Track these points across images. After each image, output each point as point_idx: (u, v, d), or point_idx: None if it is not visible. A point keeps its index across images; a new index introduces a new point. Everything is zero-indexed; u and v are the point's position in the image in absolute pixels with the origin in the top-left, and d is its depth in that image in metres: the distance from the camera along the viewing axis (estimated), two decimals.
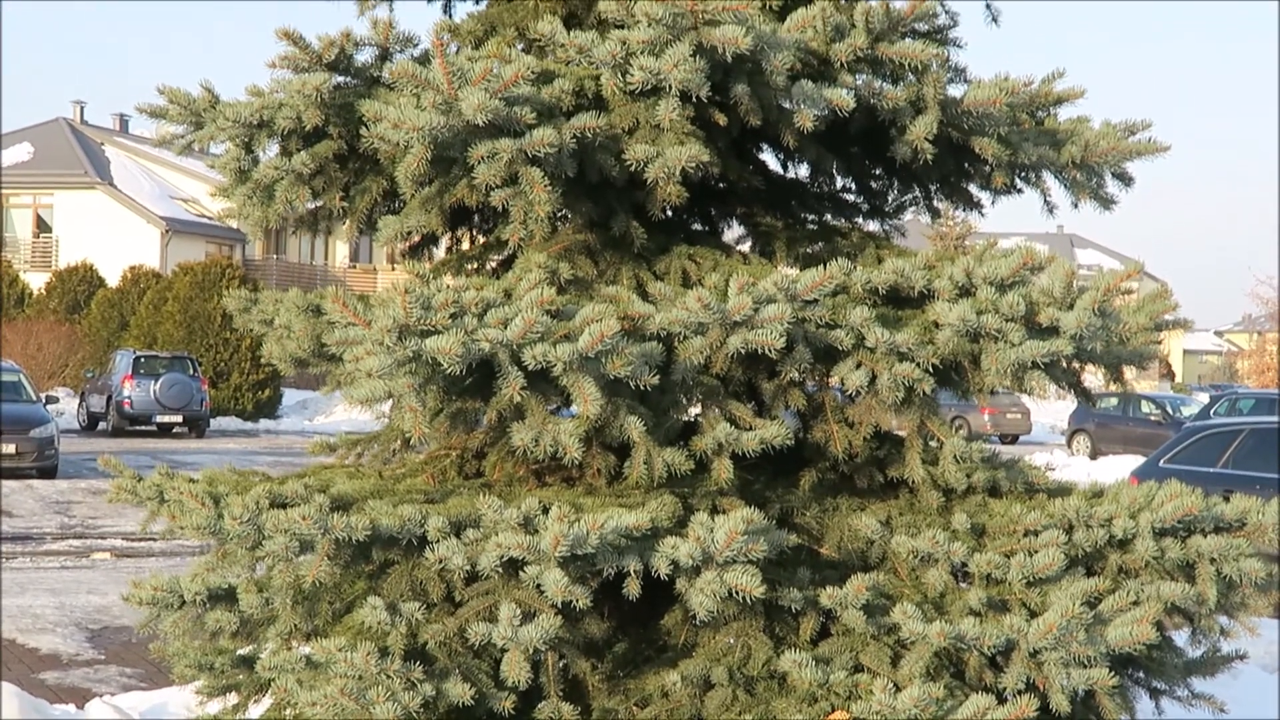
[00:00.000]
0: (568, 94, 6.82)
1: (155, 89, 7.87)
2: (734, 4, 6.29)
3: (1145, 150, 7.79)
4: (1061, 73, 7.82)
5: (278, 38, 7.14)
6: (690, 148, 6.68)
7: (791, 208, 8.48)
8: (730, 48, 6.30)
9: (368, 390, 6.20)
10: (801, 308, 6.64)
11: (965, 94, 7.22)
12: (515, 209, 6.74)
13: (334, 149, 7.49)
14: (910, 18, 7.05)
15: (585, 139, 6.72)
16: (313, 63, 7.20)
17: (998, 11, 8.52)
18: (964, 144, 7.44)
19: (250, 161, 7.64)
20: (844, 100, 6.71)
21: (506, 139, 6.49)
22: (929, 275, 6.99)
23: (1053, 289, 6.75)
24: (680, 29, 6.34)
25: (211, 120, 7.64)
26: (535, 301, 6.30)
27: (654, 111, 6.62)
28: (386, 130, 6.55)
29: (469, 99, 6.31)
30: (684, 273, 7.42)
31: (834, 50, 6.99)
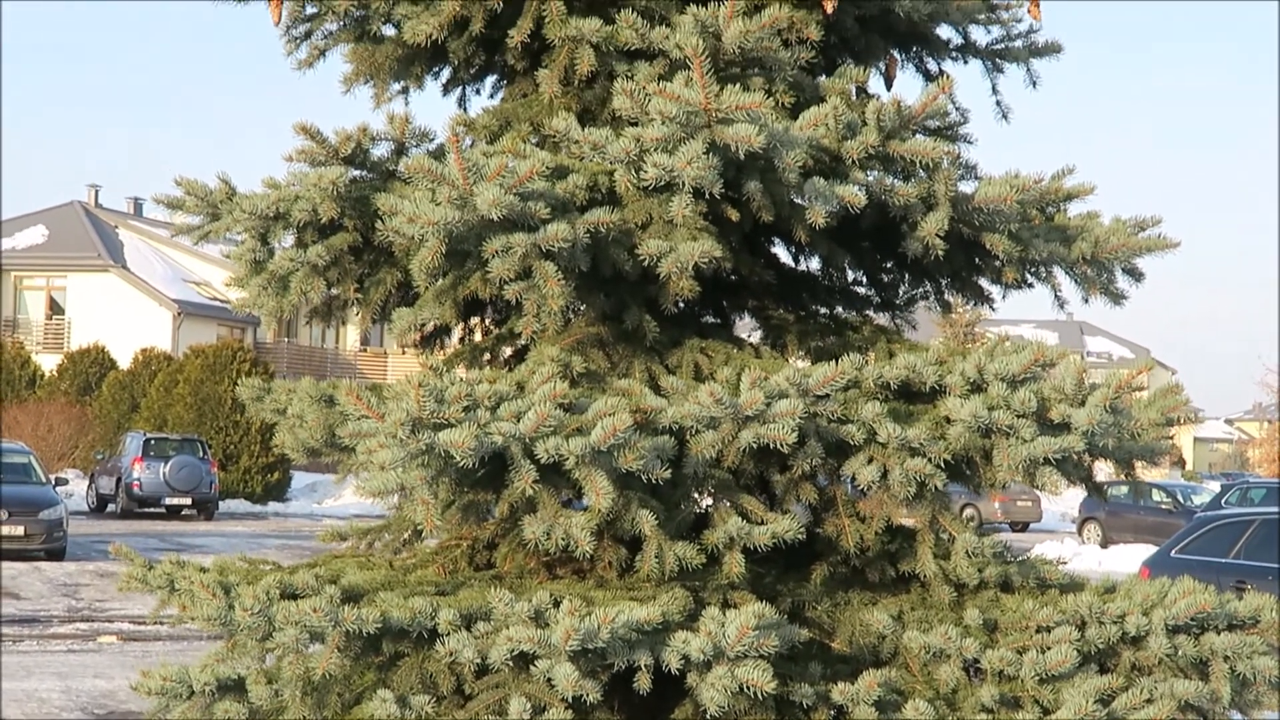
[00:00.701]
0: (582, 189, 6.89)
1: (173, 180, 7.97)
2: (747, 102, 6.36)
3: (1155, 246, 7.84)
4: (1071, 169, 7.89)
5: (295, 132, 7.24)
6: (703, 243, 6.73)
7: (803, 300, 8.53)
8: (743, 146, 6.36)
9: (380, 483, 6.22)
10: (813, 403, 6.66)
11: (976, 190, 7.28)
12: (529, 302, 6.78)
13: (349, 241, 7.56)
14: (921, 115, 7.11)
15: (599, 234, 6.77)
16: (329, 157, 7.29)
17: (1008, 109, 8.62)
18: (975, 240, 7.49)
19: (266, 253, 7.71)
20: (856, 197, 6.77)
21: (521, 233, 6.54)
22: (940, 370, 7.01)
23: (1064, 385, 6.77)
24: (694, 127, 6.41)
25: (228, 212, 7.72)
26: (548, 395, 6.33)
27: (667, 207, 6.68)
28: (402, 224, 6.60)
29: (484, 194, 6.37)
30: (696, 366, 7.46)
31: (846, 147, 7.05)
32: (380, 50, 8.11)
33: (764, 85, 7.33)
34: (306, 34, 8.10)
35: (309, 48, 8.14)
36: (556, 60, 7.47)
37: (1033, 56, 8.53)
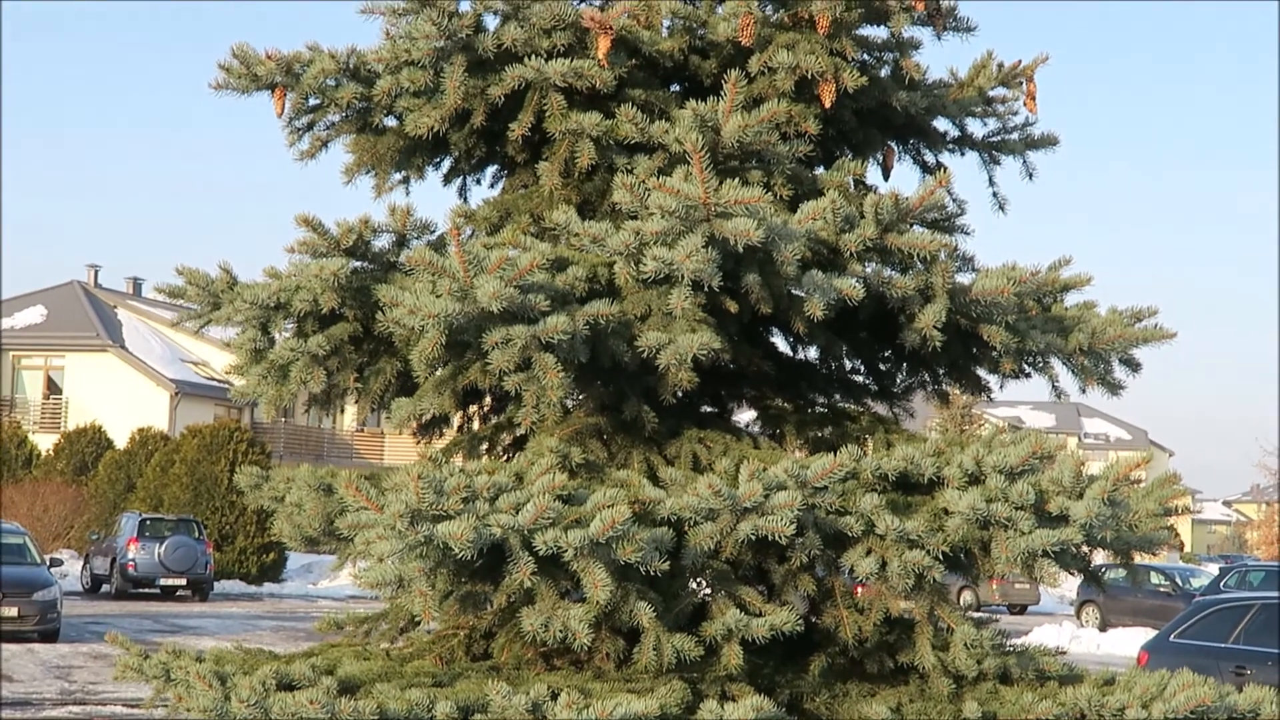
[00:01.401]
0: (581, 281, 6.94)
1: (174, 269, 8.02)
2: (746, 197, 6.41)
3: (1152, 337, 7.88)
4: (1068, 260, 7.96)
5: (297, 224, 7.29)
6: (702, 335, 6.77)
7: (801, 389, 8.56)
8: (742, 240, 6.41)
9: (379, 574, 6.22)
10: (812, 494, 6.68)
11: (974, 283, 7.33)
12: (528, 394, 6.80)
13: (349, 331, 7.59)
14: (919, 209, 7.18)
15: (598, 325, 6.81)
16: (331, 248, 7.34)
17: (1004, 200, 8.69)
18: (972, 331, 7.53)
19: (266, 342, 7.74)
20: (854, 290, 6.81)
21: (521, 325, 6.58)
22: (938, 462, 7.03)
23: (1062, 478, 6.79)
24: (693, 220, 6.46)
25: (229, 302, 7.76)
26: (547, 487, 6.34)
27: (666, 299, 6.72)
28: (403, 316, 6.64)
29: (484, 286, 6.41)
30: (694, 457, 7.48)
31: (844, 240, 7.11)
32: (382, 141, 8.18)
33: (762, 178, 7.41)
34: (309, 125, 8.17)
35: (311, 139, 8.20)
36: (557, 153, 7.54)
37: (1029, 149, 8.62)
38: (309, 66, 7.81)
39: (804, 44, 7.50)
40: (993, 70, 8.43)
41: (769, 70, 7.54)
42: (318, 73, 7.76)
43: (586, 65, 7.31)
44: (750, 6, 7.39)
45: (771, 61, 7.49)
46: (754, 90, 7.57)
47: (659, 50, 7.66)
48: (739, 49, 7.59)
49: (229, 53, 7.91)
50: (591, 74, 7.31)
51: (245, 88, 7.95)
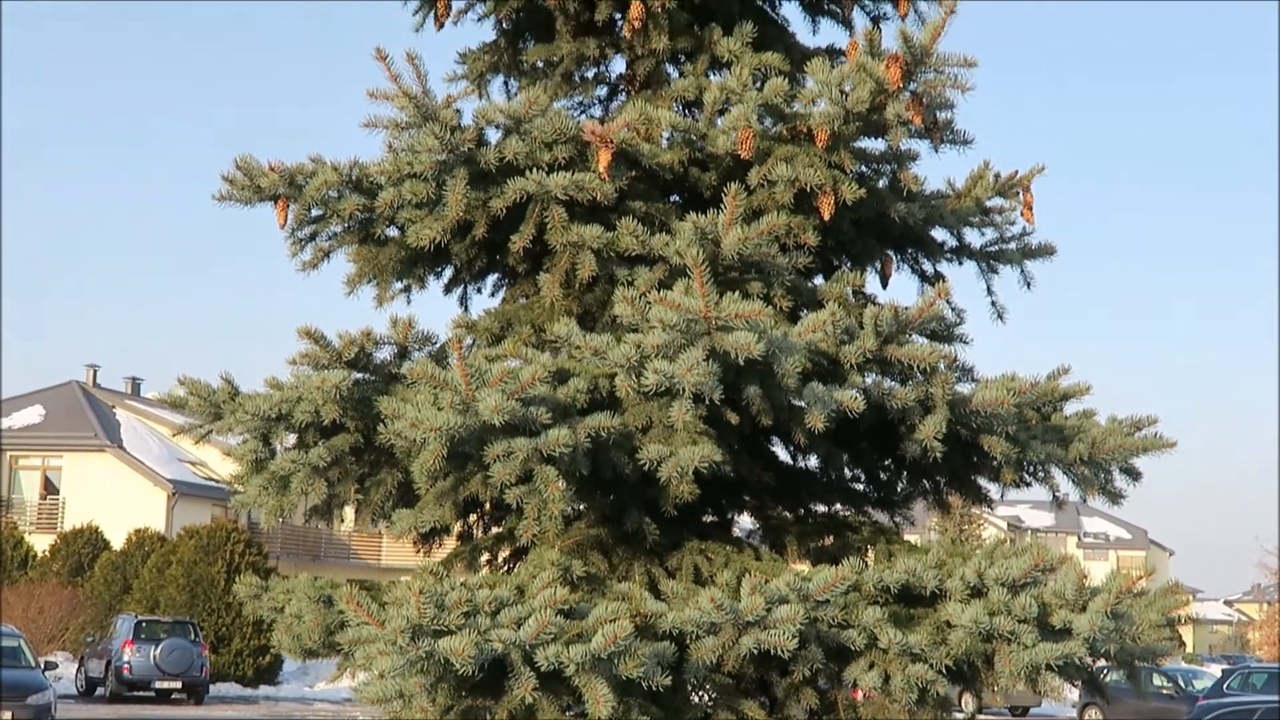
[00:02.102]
0: (582, 393, 6.95)
1: (176, 380, 8.04)
2: (747, 311, 6.44)
3: (1152, 446, 7.88)
4: (1067, 369, 7.97)
5: (299, 336, 7.31)
6: (703, 447, 6.77)
7: (802, 497, 8.55)
8: (743, 353, 6.43)
9: (379, 690, 6.17)
10: (814, 608, 6.65)
11: (974, 393, 7.34)
12: (529, 506, 6.79)
13: (350, 442, 7.59)
14: (919, 321, 7.21)
15: (600, 438, 6.81)
16: (333, 360, 7.35)
17: (1003, 309, 8.71)
18: (973, 441, 7.53)
19: (267, 453, 7.74)
20: (854, 402, 6.82)
21: (522, 438, 6.58)
22: (941, 574, 7.01)
23: (1065, 590, 6.77)
24: (694, 334, 6.48)
25: (231, 412, 7.77)
26: (549, 601, 6.32)
27: (667, 411, 6.72)
28: (404, 428, 6.64)
29: (486, 400, 6.42)
30: (696, 569, 7.45)
31: (844, 352, 7.14)
32: (384, 252, 8.23)
33: (762, 289, 7.44)
34: (311, 236, 8.21)
35: (314, 249, 8.24)
36: (558, 264, 7.57)
37: (1026, 258, 8.66)
38: (312, 178, 7.86)
39: (803, 157, 7.56)
40: (990, 181, 8.48)
41: (768, 183, 7.59)
42: (320, 184, 7.81)
43: (588, 178, 7.36)
44: (749, 120, 7.45)
45: (771, 174, 7.54)
46: (753, 202, 7.62)
47: (659, 163, 7.72)
48: (738, 161, 7.65)
49: (232, 164, 7.96)
50: (592, 187, 7.36)
51: (248, 199, 7.99)
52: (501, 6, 8.73)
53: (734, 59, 8.13)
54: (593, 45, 8.66)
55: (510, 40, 9.09)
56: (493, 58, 9.14)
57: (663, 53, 8.35)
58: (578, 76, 8.96)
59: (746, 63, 7.98)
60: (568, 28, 8.65)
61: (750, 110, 7.45)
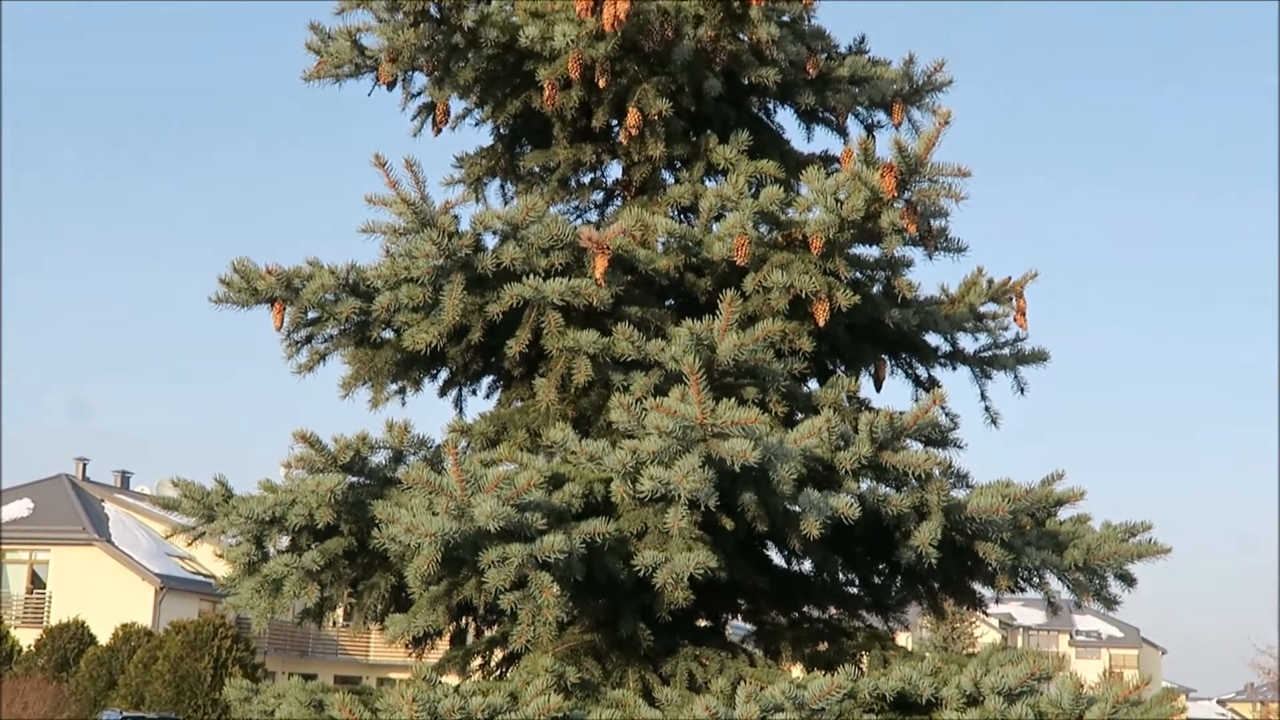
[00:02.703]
0: (577, 498, 6.94)
1: (169, 481, 8.02)
2: (743, 418, 6.45)
3: (1147, 552, 7.88)
4: (1061, 474, 7.97)
5: (295, 440, 7.31)
6: (698, 554, 6.76)
7: (796, 602, 8.51)
8: (739, 460, 6.42)
9: None
10: (810, 716, 6.60)
11: (969, 500, 7.34)
12: (524, 612, 6.76)
13: (344, 546, 7.56)
14: (914, 427, 7.23)
15: (595, 543, 6.80)
16: (328, 464, 7.35)
17: (996, 414, 8.73)
18: (968, 547, 7.52)
19: (260, 556, 7.71)
20: (850, 509, 6.82)
21: (517, 544, 6.56)
22: (936, 682, 6.97)
23: (1062, 700, 6.73)
24: (690, 441, 6.49)
25: (224, 514, 7.74)
26: (542, 709, 6.29)
27: (663, 518, 6.71)
28: (399, 533, 6.63)
29: (481, 505, 6.41)
30: (690, 675, 7.40)
31: (839, 458, 7.15)
32: (380, 355, 8.24)
33: (757, 395, 7.46)
34: (307, 338, 8.23)
35: (309, 352, 8.26)
36: (554, 369, 7.59)
37: (1020, 364, 8.69)
38: (309, 281, 7.89)
39: (798, 263, 7.61)
40: (983, 286, 8.54)
41: (764, 289, 7.64)
42: (317, 288, 7.84)
43: (584, 284, 7.40)
44: (745, 227, 7.51)
45: (766, 280, 7.59)
46: (749, 307, 7.66)
47: (655, 268, 7.77)
48: (734, 267, 7.70)
49: (229, 267, 7.99)
50: (588, 292, 7.40)
51: (245, 301, 8.01)
52: (499, 113, 8.81)
53: (730, 166, 8.20)
54: (589, 151, 8.74)
55: (507, 145, 9.17)
56: (490, 162, 9.22)
57: (659, 159, 8.42)
58: (574, 182, 9.03)
59: (742, 170, 8.06)
60: (565, 134, 8.73)
61: (746, 217, 7.51)
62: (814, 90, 8.65)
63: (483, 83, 8.62)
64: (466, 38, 8.15)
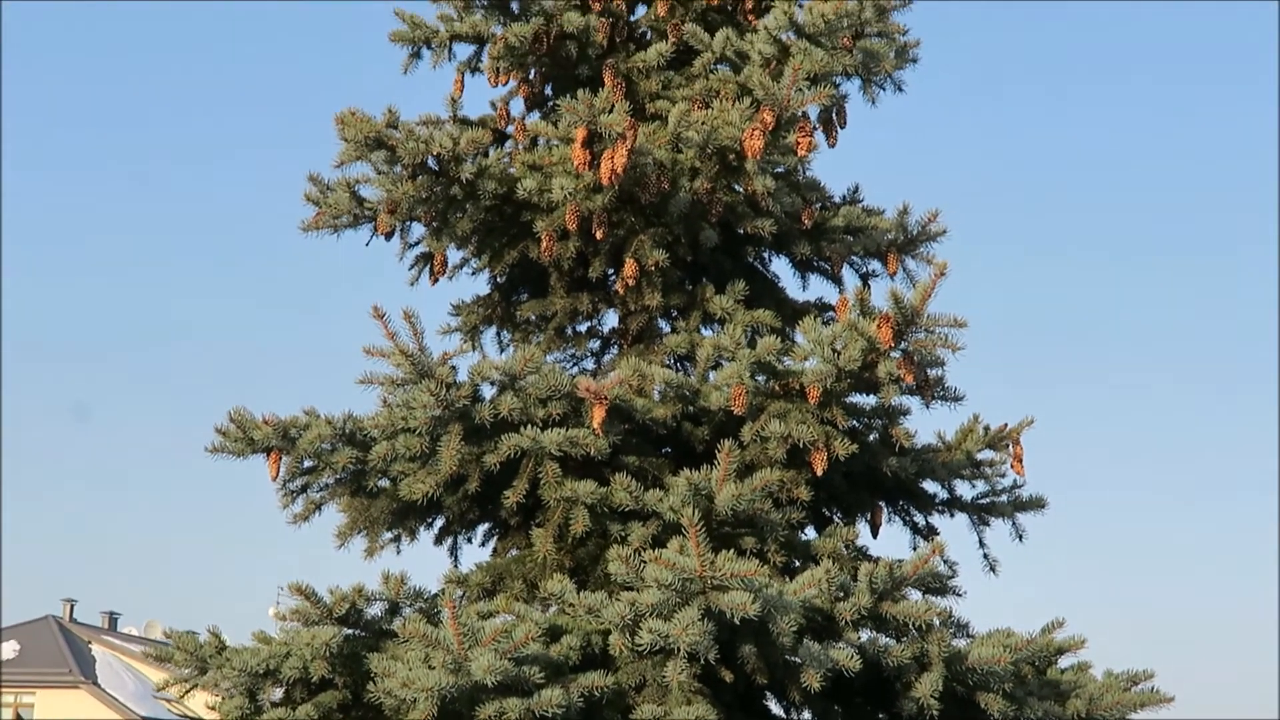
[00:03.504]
0: (575, 650, 6.88)
1: (162, 633, 7.95)
2: (742, 570, 6.41)
3: (1149, 701, 7.80)
4: (1061, 622, 7.92)
5: (290, 592, 7.25)
6: (697, 708, 6.69)
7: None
8: (739, 613, 6.38)
9: None
10: None
11: (969, 650, 7.28)
12: None
13: (339, 699, 7.47)
14: (913, 577, 7.20)
15: (593, 697, 6.73)
16: (323, 616, 7.29)
17: (995, 561, 8.70)
18: (969, 698, 7.43)
19: (253, 709, 7.61)
20: (850, 661, 6.77)
21: (515, 698, 6.49)
22: None
23: None
24: (689, 593, 6.44)
25: (217, 667, 7.66)
26: None
27: (662, 671, 6.66)
28: (394, 687, 6.56)
29: (479, 660, 6.35)
30: None
31: (839, 609, 7.11)
32: (376, 504, 8.21)
33: (756, 545, 7.43)
34: (303, 488, 8.21)
35: (305, 501, 8.23)
36: (551, 519, 7.57)
37: (1017, 511, 8.67)
38: (305, 431, 7.88)
39: (795, 413, 7.63)
40: (980, 434, 8.54)
41: (761, 438, 7.65)
42: (314, 438, 7.83)
43: (582, 434, 7.41)
44: (742, 377, 7.54)
45: (764, 430, 7.60)
46: (746, 456, 7.66)
47: (652, 417, 7.78)
48: (731, 417, 7.72)
49: (226, 417, 7.99)
50: (586, 443, 7.40)
51: (241, 451, 8.00)
52: (496, 262, 8.87)
53: (726, 316, 8.26)
54: (586, 300, 8.79)
55: (504, 294, 9.23)
56: (487, 310, 9.27)
57: (655, 309, 8.48)
58: (571, 330, 9.07)
59: (739, 320, 8.11)
60: (562, 283, 8.79)
61: (743, 367, 7.54)
62: (809, 240, 8.73)
63: (480, 233, 8.70)
64: (465, 190, 8.23)
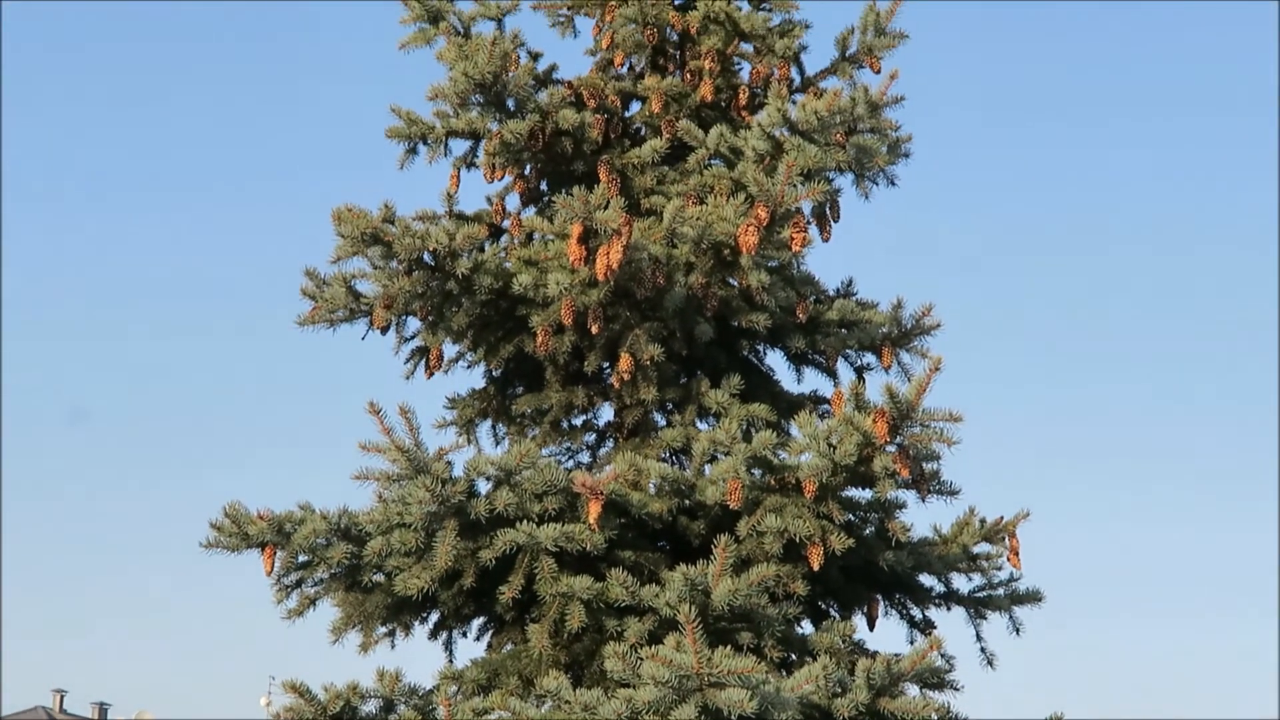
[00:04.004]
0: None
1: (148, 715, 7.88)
2: (739, 667, 6.39)
3: None
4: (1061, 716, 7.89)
5: (284, 690, 7.22)
6: None
7: None
8: (736, 710, 6.34)
9: None
10: None
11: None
12: None
13: None
14: (911, 673, 7.17)
15: None
16: (318, 714, 7.25)
17: (992, 655, 8.68)
18: None
19: None
20: None
21: None
22: None
23: None
24: (686, 690, 6.41)
25: None
26: None
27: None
28: None
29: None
30: None
31: (836, 705, 7.07)
32: (370, 599, 8.19)
33: (753, 640, 7.40)
34: (297, 582, 8.17)
35: (299, 596, 8.20)
36: (547, 614, 7.53)
37: (1014, 604, 8.65)
38: (300, 526, 7.86)
39: (791, 508, 7.63)
40: (975, 527, 8.55)
41: (757, 533, 7.64)
42: (309, 533, 7.81)
43: (577, 529, 7.40)
44: (738, 472, 7.54)
45: (760, 525, 7.60)
46: (742, 551, 7.65)
47: (648, 512, 7.77)
48: (727, 511, 7.71)
49: (221, 512, 7.97)
50: (582, 538, 7.38)
51: (236, 546, 7.98)
52: (492, 356, 8.88)
53: (722, 410, 8.27)
54: (581, 394, 8.80)
55: (500, 387, 9.23)
56: (482, 404, 9.27)
57: (651, 403, 8.48)
58: (566, 424, 9.08)
59: (734, 414, 8.13)
60: (557, 377, 8.81)
61: (739, 462, 7.55)
62: (804, 334, 8.76)
63: (476, 327, 8.71)
64: (461, 284, 8.26)
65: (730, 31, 9.42)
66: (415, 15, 9.03)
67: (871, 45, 9.20)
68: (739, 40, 9.50)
